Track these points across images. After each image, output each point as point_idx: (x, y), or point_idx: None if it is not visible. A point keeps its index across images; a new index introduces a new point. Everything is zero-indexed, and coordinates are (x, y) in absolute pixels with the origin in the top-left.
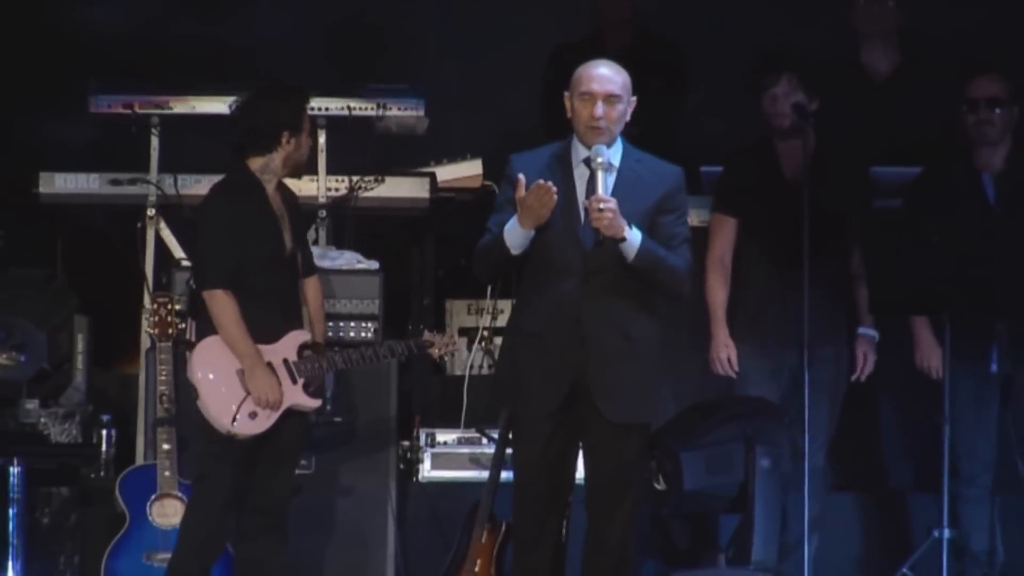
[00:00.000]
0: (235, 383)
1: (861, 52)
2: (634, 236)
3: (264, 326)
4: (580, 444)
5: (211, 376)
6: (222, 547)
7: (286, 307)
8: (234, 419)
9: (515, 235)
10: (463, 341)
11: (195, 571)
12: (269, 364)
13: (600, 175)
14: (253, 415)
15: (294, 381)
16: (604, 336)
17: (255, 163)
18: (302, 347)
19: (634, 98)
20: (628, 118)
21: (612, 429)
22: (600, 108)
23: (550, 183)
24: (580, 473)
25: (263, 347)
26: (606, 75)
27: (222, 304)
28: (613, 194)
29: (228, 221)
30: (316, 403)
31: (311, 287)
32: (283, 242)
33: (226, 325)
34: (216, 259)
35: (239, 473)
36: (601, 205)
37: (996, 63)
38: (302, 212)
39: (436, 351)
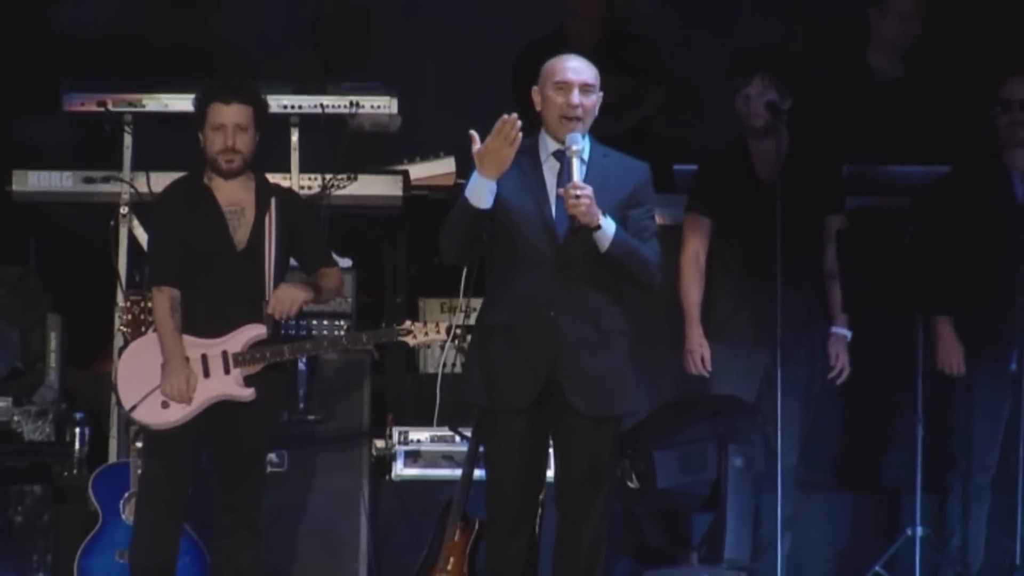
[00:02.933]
0: (155, 373)
1: (869, 55)
2: (608, 224)
3: (208, 320)
4: (551, 438)
5: (132, 361)
6: (176, 541)
7: (237, 302)
8: (136, 405)
9: (478, 187)
10: (444, 327)
11: (153, 567)
12: (203, 356)
13: (575, 163)
14: (165, 405)
15: (227, 371)
16: (575, 328)
17: None
18: (253, 342)
19: (601, 93)
20: (596, 112)
21: (585, 423)
22: (577, 96)
23: (515, 115)
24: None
25: (204, 340)
26: (580, 66)
27: (156, 301)
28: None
29: (168, 221)
30: (247, 393)
31: (322, 277)
32: (229, 239)
33: (156, 320)
34: (154, 258)
35: (176, 467)
36: (578, 192)
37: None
38: (296, 210)
39: (413, 340)
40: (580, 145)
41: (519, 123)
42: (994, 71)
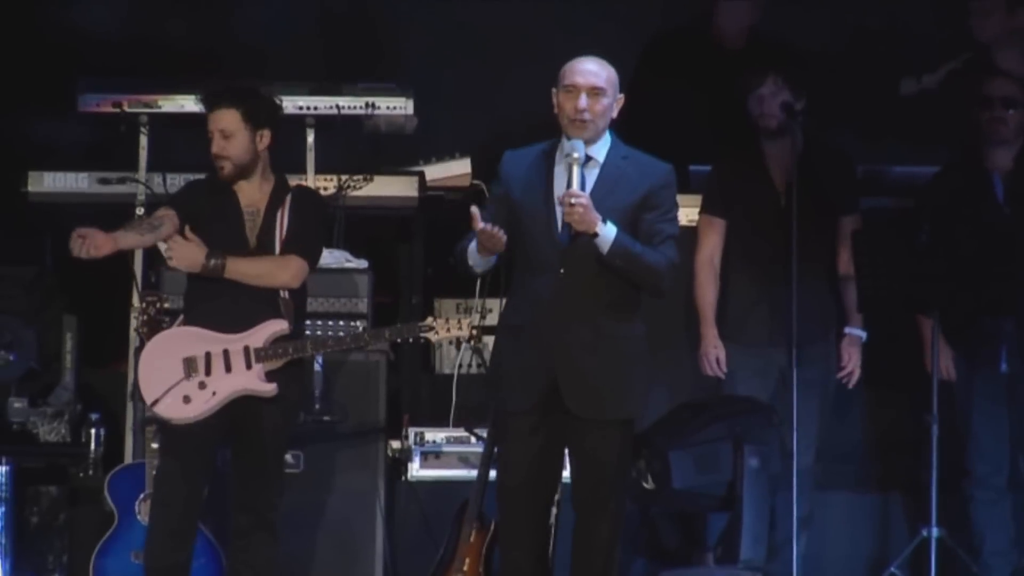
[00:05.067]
0: (176, 368)
1: (997, 59)
2: (607, 231)
3: (225, 316)
4: (564, 441)
5: (154, 356)
6: (191, 542)
7: (255, 299)
8: (158, 399)
9: (475, 258)
10: (468, 323)
11: (167, 567)
12: (225, 351)
13: (575, 170)
14: (187, 400)
15: (248, 366)
16: (576, 332)
17: None
18: (274, 337)
19: (621, 95)
20: (615, 114)
21: (592, 425)
22: (584, 100)
23: (498, 229)
24: (567, 471)
25: (226, 335)
26: (591, 69)
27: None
28: (594, 189)
29: (187, 194)
30: (270, 388)
31: (272, 258)
32: (245, 238)
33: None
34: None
35: (192, 467)
36: (572, 200)
37: None
38: (304, 204)
39: (435, 336)
40: (580, 152)
41: (501, 234)
42: None
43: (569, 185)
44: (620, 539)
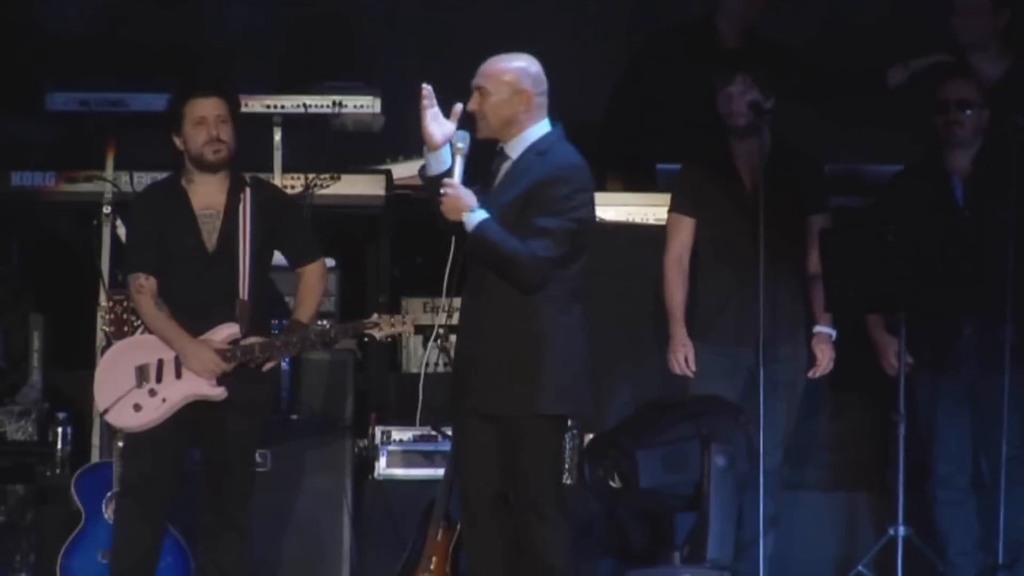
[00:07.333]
0: (129, 376)
1: (970, 59)
2: (471, 219)
3: (183, 322)
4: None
5: (110, 364)
6: (157, 543)
7: (212, 303)
8: (108, 408)
9: (429, 156)
10: (411, 319)
11: (133, 568)
12: (177, 357)
13: (458, 159)
14: (138, 408)
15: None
16: (489, 327)
17: None
18: (225, 342)
19: (526, 89)
20: (521, 109)
21: (509, 423)
22: (472, 100)
23: (426, 85)
24: None
25: None
26: (481, 68)
27: (138, 299)
28: (499, 184)
29: (144, 215)
30: (219, 392)
31: (306, 274)
32: (200, 242)
33: (145, 319)
34: (130, 248)
35: (157, 468)
36: (442, 188)
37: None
38: (276, 207)
39: (379, 332)
40: (465, 143)
41: (426, 90)
42: None
43: (451, 174)
44: (566, 542)
